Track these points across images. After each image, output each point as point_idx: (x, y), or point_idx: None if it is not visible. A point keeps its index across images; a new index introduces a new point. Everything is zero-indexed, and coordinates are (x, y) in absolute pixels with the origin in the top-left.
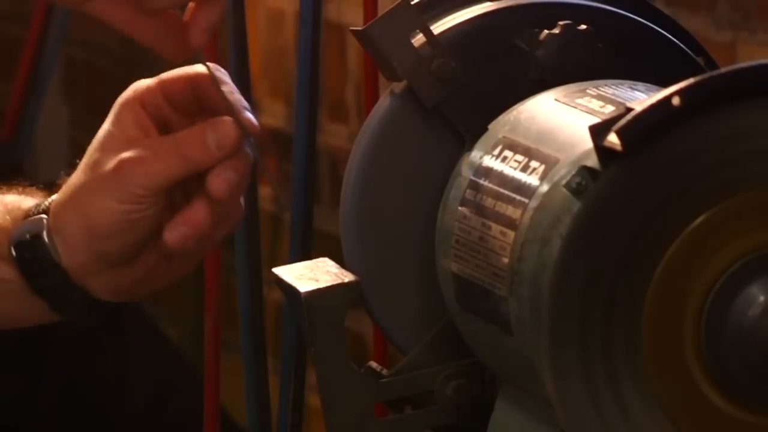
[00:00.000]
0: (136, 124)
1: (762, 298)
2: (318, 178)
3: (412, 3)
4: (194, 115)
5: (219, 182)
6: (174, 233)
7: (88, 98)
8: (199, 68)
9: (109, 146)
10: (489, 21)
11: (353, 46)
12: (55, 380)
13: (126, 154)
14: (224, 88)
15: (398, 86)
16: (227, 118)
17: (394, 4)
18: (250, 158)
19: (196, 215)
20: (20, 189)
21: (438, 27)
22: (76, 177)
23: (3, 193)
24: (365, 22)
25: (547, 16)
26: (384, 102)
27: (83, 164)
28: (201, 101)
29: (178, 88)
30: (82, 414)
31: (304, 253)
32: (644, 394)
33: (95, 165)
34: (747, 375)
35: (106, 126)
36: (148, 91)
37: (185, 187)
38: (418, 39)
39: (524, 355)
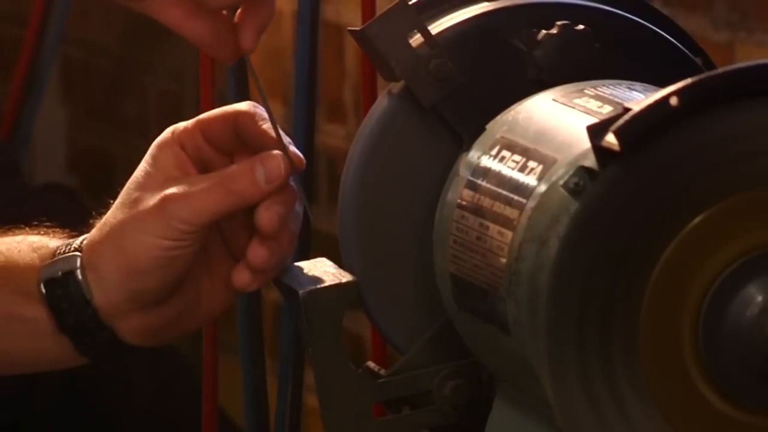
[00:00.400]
0: (175, 165)
1: (760, 298)
2: (316, 178)
3: (410, 3)
4: (233, 154)
5: (269, 216)
6: (241, 276)
7: (85, 98)
8: (238, 107)
9: (149, 185)
10: (487, 21)
11: (351, 46)
12: (53, 379)
13: (170, 190)
14: (268, 125)
15: (396, 86)
16: (277, 153)
17: (392, 4)
18: (296, 192)
19: (256, 254)
20: (42, 231)
21: (436, 27)
22: (113, 215)
23: (26, 234)
24: (363, 22)
25: (544, 16)
26: (382, 102)
27: (120, 203)
28: (242, 139)
29: (217, 127)
30: (79, 413)
31: (302, 252)
32: (642, 394)
33: (135, 203)
34: (745, 375)
35: (143, 166)
36: (186, 131)
37: (221, 230)
38: (416, 39)
39: (522, 355)
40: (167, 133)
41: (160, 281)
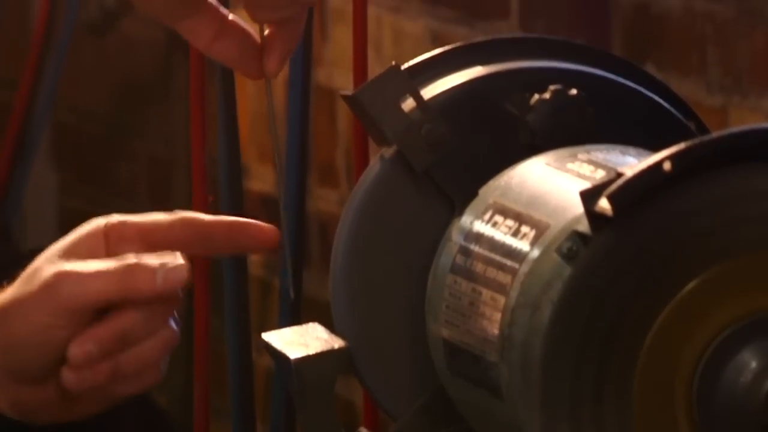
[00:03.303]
0: (89, 252)
1: (754, 364)
2: (307, 243)
3: (402, 67)
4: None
5: (76, 352)
6: (65, 375)
7: (76, 162)
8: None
9: (54, 260)
10: (479, 85)
11: (343, 111)
12: None
13: (66, 266)
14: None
15: (388, 151)
16: (182, 262)
17: (384, 68)
18: (174, 334)
19: (65, 376)
20: None
21: (428, 91)
22: (11, 287)
23: None
24: (355, 86)
25: (537, 80)
26: (374, 167)
27: (23, 275)
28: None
29: (162, 234)
30: None
31: (293, 318)
32: None
33: (34, 273)
34: None
35: (61, 242)
36: (122, 228)
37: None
38: (408, 103)
39: (515, 421)
40: (100, 222)
41: (35, 358)
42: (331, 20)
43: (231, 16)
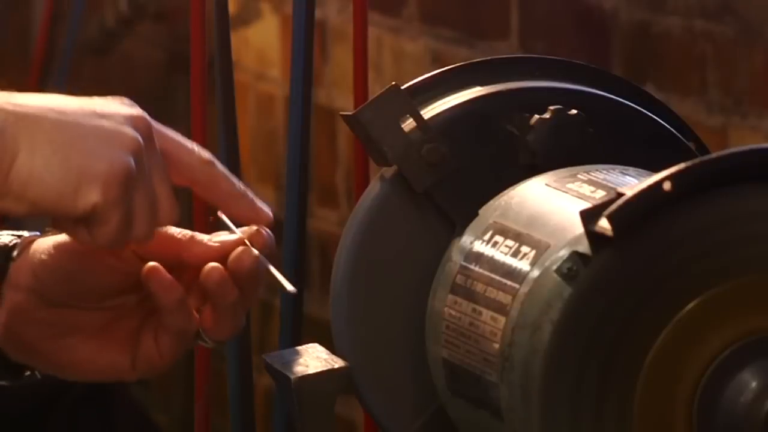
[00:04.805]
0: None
1: (754, 384)
2: (308, 264)
3: (402, 88)
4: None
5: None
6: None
7: None
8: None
9: None
10: (479, 105)
11: (343, 131)
12: None
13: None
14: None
15: (388, 171)
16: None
17: (385, 88)
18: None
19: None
20: None
21: (428, 112)
22: None
23: None
24: (355, 106)
25: (537, 100)
26: (374, 187)
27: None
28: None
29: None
30: None
31: (293, 338)
32: None
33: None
34: None
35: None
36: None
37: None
38: (408, 124)
39: None
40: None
41: (66, 277)
42: (331, 40)
43: None
